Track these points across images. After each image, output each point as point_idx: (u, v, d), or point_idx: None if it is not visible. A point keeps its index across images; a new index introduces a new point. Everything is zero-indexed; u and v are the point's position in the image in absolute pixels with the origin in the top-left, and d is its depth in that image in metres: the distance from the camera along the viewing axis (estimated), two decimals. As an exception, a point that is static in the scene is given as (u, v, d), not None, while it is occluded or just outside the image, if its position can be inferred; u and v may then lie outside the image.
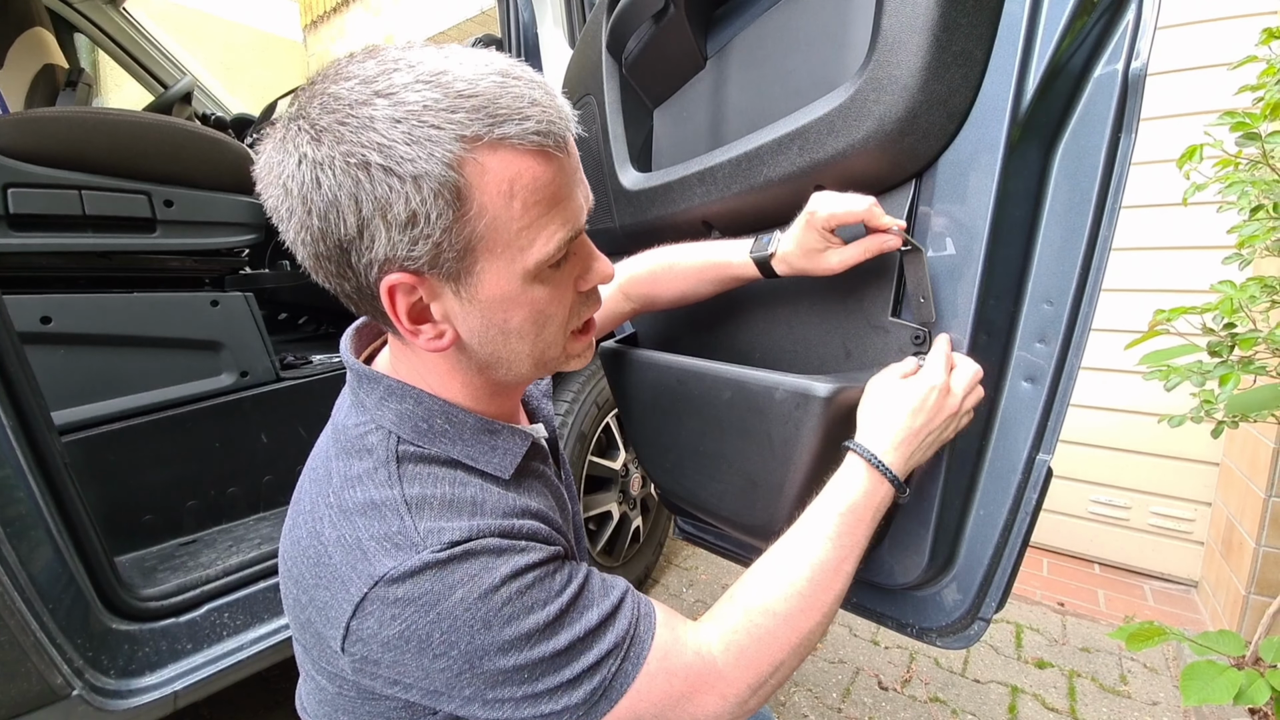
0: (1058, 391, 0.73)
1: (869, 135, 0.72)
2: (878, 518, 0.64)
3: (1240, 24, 1.80)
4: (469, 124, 0.42)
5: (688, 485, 0.97)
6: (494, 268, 0.47)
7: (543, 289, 0.50)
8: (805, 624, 0.57)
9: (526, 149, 0.44)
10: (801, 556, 0.59)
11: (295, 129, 0.43)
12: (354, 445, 0.53)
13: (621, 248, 1.25)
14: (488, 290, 0.48)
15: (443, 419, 0.53)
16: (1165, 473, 2.05)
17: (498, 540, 0.48)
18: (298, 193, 0.43)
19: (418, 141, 0.41)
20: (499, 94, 0.43)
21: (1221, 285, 1.01)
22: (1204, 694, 1.09)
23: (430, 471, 0.51)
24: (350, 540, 0.47)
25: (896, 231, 0.68)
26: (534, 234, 0.46)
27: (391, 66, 0.43)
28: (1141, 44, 0.66)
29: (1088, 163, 0.69)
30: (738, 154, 0.87)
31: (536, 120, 0.44)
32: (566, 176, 0.47)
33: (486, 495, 0.51)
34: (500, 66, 0.45)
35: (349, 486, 0.50)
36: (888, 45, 0.68)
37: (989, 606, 0.78)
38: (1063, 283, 0.72)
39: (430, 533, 0.46)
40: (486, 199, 0.44)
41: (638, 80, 1.15)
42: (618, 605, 0.52)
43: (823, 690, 1.62)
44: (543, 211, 0.46)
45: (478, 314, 0.49)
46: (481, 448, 0.54)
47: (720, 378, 0.83)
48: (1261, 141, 0.94)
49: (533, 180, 0.45)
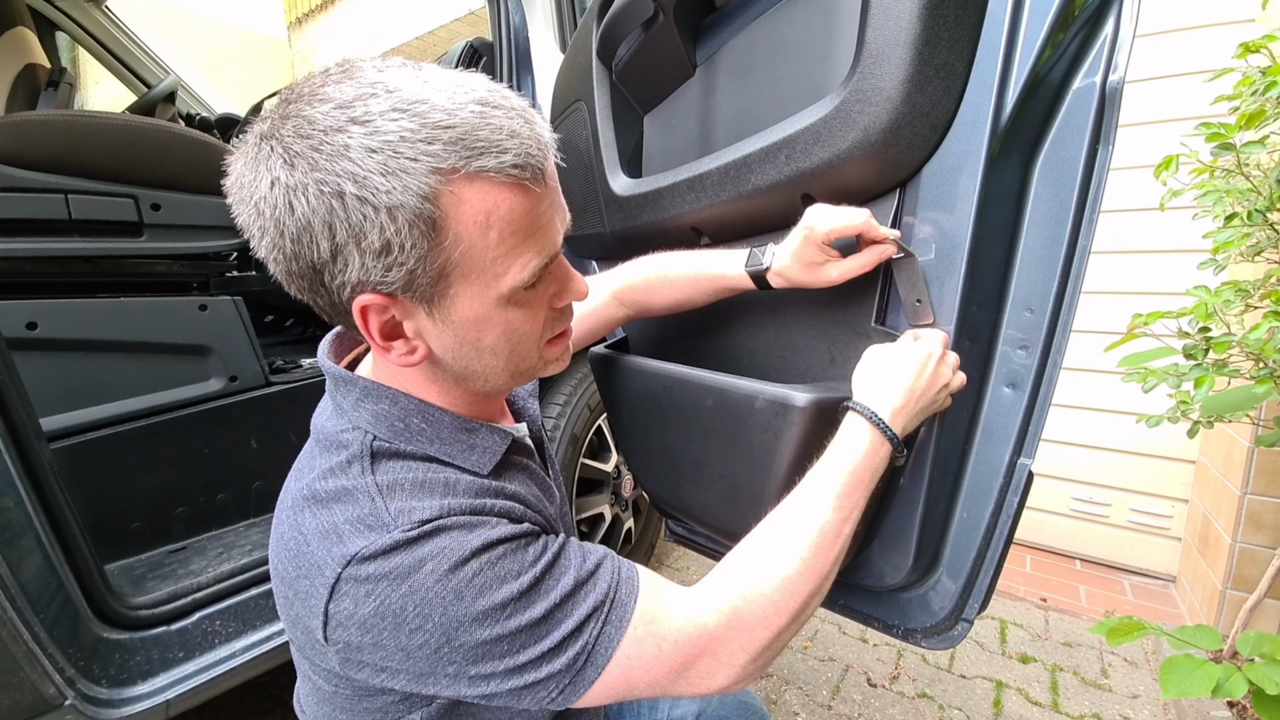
0: (1038, 397, 0.75)
1: (854, 145, 0.73)
2: (875, 479, 0.63)
3: (1219, 31, 1.84)
4: (446, 156, 0.42)
5: (673, 490, 0.99)
6: (468, 292, 0.47)
7: (517, 310, 0.50)
8: (806, 588, 0.55)
9: (504, 182, 0.44)
10: (805, 518, 0.58)
11: (268, 149, 0.43)
12: (331, 442, 0.54)
13: (612, 252, 1.26)
14: (461, 312, 0.48)
15: (420, 418, 0.54)
16: (1144, 471, 2.09)
17: (468, 517, 0.49)
18: (270, 215, 0.43)
19: (393, 173, 0.41)
20: (477, 125, 0.43)
21: (1196, 290, 1.04)
22: (1182, 687, 1.12)
23: (404, 464, 0.52)
24: (327, 526, 0.48)
25: (894, 241, 0.70)
26: (509, 261, 0.47)
27: (368, 91, 0.42)
28: (1119, 57, 0.68)
29: (1067, 173, 0.70)
30: (726, 162, 0.88)
31: (514, 153, 0.44)
32: (544, 205, 0.48)
33: (461, 477, 0.53)
34: (479, 95, 0.44)
35: (324, 478, 0.51)
36: (872, 58, 0.70)
37: (972, 608, 0.80)
38: (1043, 290, 0.74)
39: (401, 512, 0.47)
40: (462, 229, 0.44)
41: (628, 86, 1.16)
42: (595, 570, 0.52)
43: (813, 688, 1.64)
44: (519, 241, 0.47)
45: (451, 333, 0.50)
46: (459, 446, 0.55)
47: (703, 385, 0.85)
48: (1236, 151, 0.96)
49: (509, 212, 0.45)
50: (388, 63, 0.46)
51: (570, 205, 1.39)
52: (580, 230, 1.28)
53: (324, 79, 0.44)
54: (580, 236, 1.29)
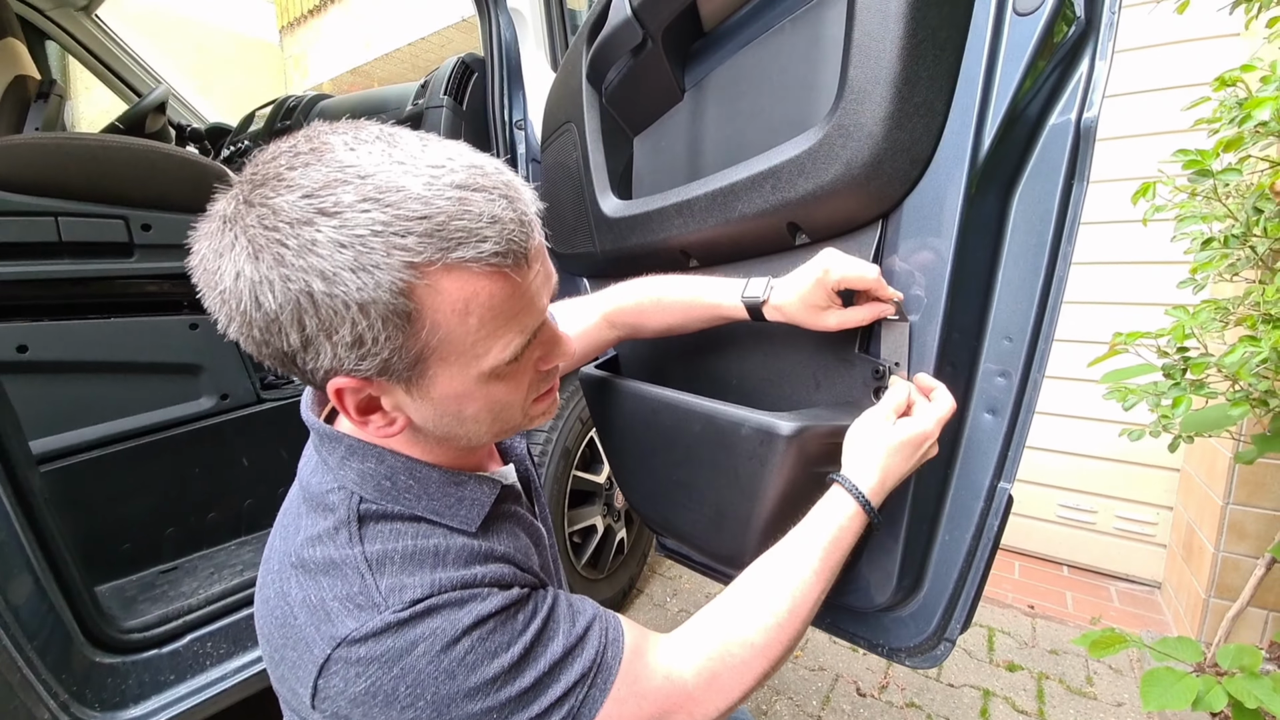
0: (1017, 423, 0.77)
1: (837, 178, 0.75)
2: (852, 545, 0.66)
3: (1206, 45, 1.87)
4: (421, 250, 0.40)
5: (662, 511, 1.00)
6: (448, 373, 0.47)
7: (500, 383, 0.50)
8: (779, 652, 0.59)
9: (484, 271, 0.43)
10: (784, 586, 0.61)
11: (231, 238, 0.41)
12: (318, 503, 0.53)
13: (603, 271, 1.28)
14: (441, 390, 0.48)
15: (406, 475, 0.53)
16: (1129, 478, 2.12)
17: (459, 593, 0.48)
18: (236, 307, 0.42)
19: (364, 269, 0.39)
20: (455, 213, 0.41)
21: (1175, 310, 1.06)
22: (1163, 700, 1.14)
23: (393, 528, 0.51)
24: (315, 601, 0.47)
25: (897, 304, 0.73)
26: (491, 343, 0.46)
27: (338, 177, 0.40)
28: (1094, 96, 0.70)
29: (1043, 208, 0.72)
30: (714, 188, 0.90)
31: (495, 241, 0.42)
32: (528, 286, 0.46)
33: (450, 543, 0.52)
34: (458, 177, 0.41)
35: (311, 545, 0.50)
36: (854, 94, 0.71)
37: (954, 629, 0.82)
38: (1021, 320, 0.75)
39: (392, 591, 0.46)
40: (440, 317, 0.43)
41: (618, 109, 1.17)
42: (584, 634, 0.53)
43: (803, 698, 1.66)
44: (501, 323, 0.46)
45: (431, 407, 0.49)
46: (447, 500, 0.54)
47: (690, 411, 0.86)
48: (1214, 177, 0.98)
49: (489, 298, 0.44)
50: (360, 136, 0.43)
51: (561, 224, 1.41)
52: (571, 249, 1.29)
53: (291, 158, 0.41)
54: (571, 255, 1.30)
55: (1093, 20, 0.69)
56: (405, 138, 0.43)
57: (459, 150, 0.44)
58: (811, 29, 0.86)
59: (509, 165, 0.48)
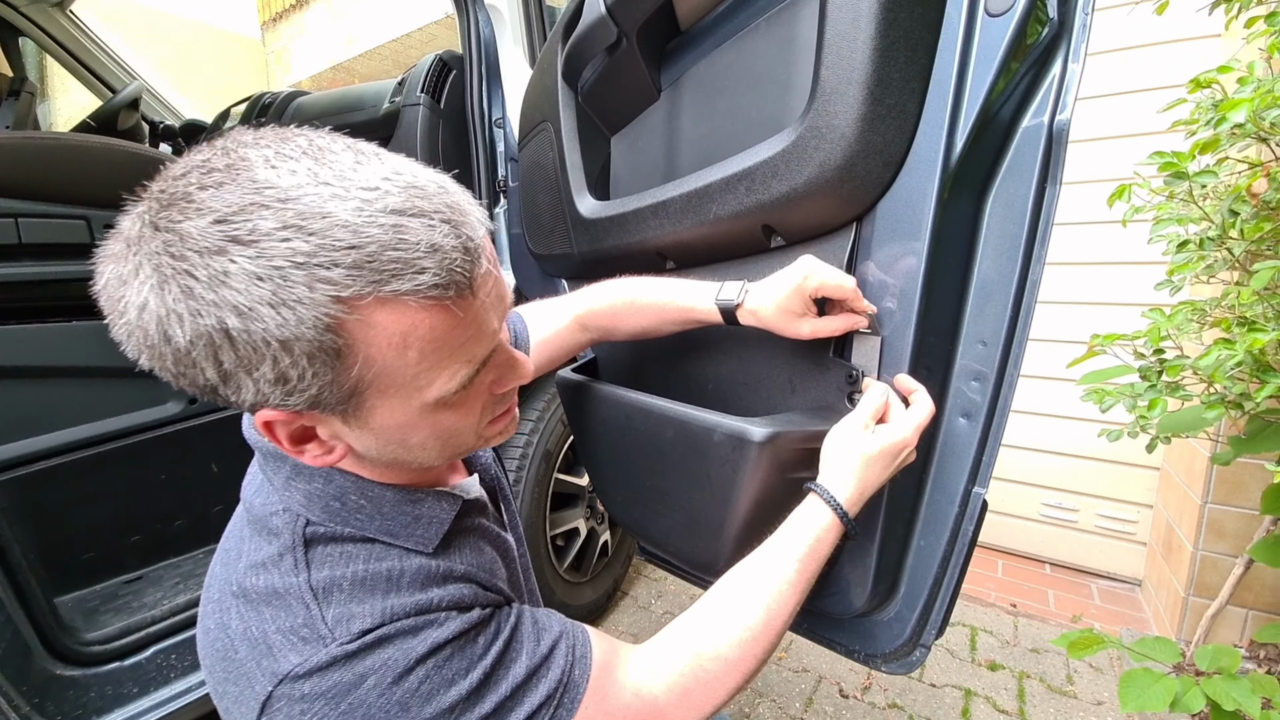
0: (991, 427, 0.76)
1: (811, 180, 0.74)
2: (828, 554, 0.65)
3: (1186, 46, 1.88)
4: (350, 283, 0.36)
5: (637, 518, 0.99)
6: (387, 405, 0.43)
7: (448, 412, 0.46)
8: (752, 666, 0.58)
9: (423, 305, 0.39)
10: (759, 598, 0.60)
11: (135, 264, 0.37)
12: (261, 527, 0.50)
13: (580, 272, 1.26)
14: (381, 421, 0.44)
15: (357, 494, 0.50)
16: (1110, 477, 2.13)
17: (413, 620, 0.45)
18: (144, 340, 0.38)
19: (285, 304, 0.35)
20: (389, 242, 0.37)
21: (1151, 313, 1.06)
22: (1141, 701, 1.14)
23: (343, 552, 0.48)
24: (256, 634, 0.45)
25: (870, 316, 0.72)
26: (434, 375, 0.43)
27: (255, 200, 0.35)
28: (1066, 98, 0.69)
29: (1016, 210, 0.72)
30: (689, 190, 0.89)
31: (435, 272, 0.38)
32: (474, 316, 0.43)
33: (405, 566, 0.49)
34: (395, 200, 0.37)
35: (253, 572, 0.47)
36: (826, 95, 0.70)
37: (929, 634, 0.81)
38: (995, 324, 0.75)
39: (339, 621, 0.44)
40: (374, 351, 0.39)
41: (594, 108, 1.15)
42: (549, 653, 0.51)
43: (786, 700, 1.66)
44: (445, 355, 0.42)
45: (372, 436, 0.46)
46: (403, 520, 0.51)
47: (664, 416, 0.85)
48: (1189, 179, 0.98)
49: (430, 332, 0.40)
50: (284, 152, 0.38)
51: (539, 225, 1.39)
52: (549, 250, 1.27)
53: (203, 175, 0.37)
54: (549, 256, 1.28)
55: (1065, 22, 0.68)
56: (337, 154, 0.39)
57: (399, 168, 0.40)
58: (787, 28, 0.85)
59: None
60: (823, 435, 0.71)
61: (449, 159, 1.58)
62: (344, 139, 0.41)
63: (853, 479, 0.66)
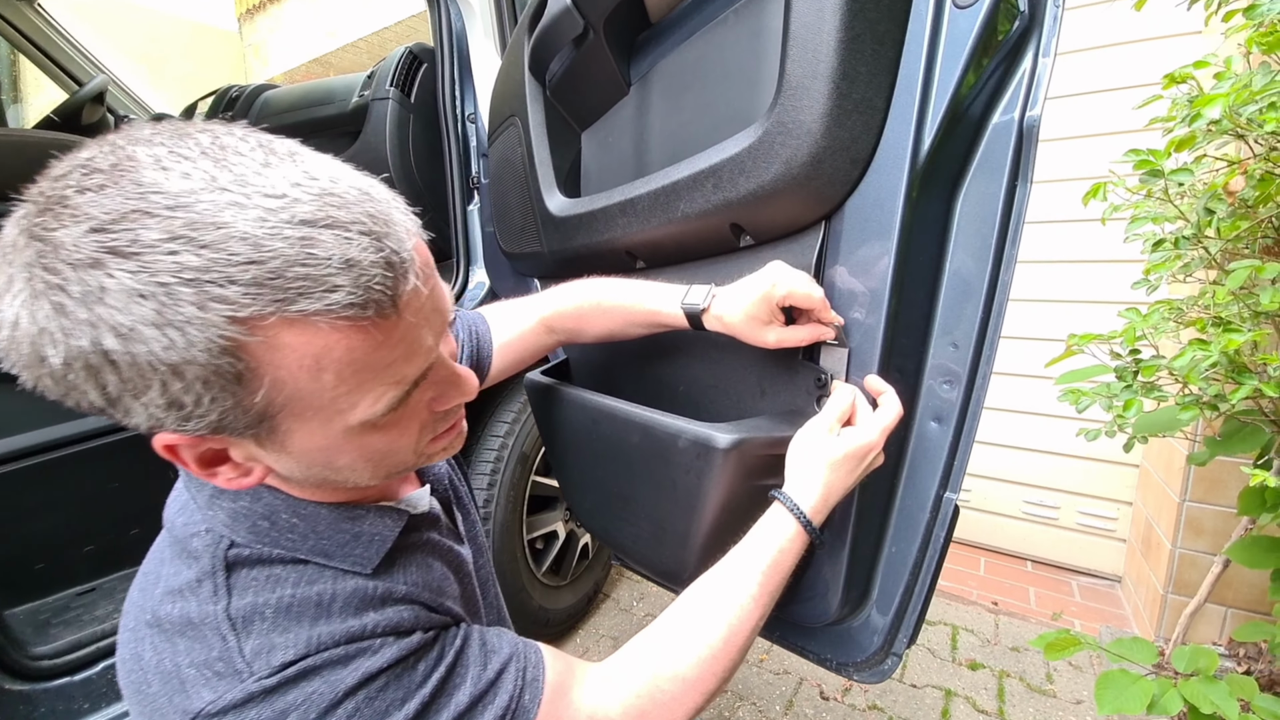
0: (963, 431, 0.74)
1: (777, 178, 0.71)
2: (793, 565, 0.63)
3: (1165, 44, 1.87)
4: (249, 303, 0.32)
5: (605, 525, 0.96)
6: (305, 428, 0.40)
7: (377, 434, 0.43)
8: (713, 685, 0.56)
9: (337, 326, 0.35)
10: (719, 615, 0.57)
11: (8, 276, 0.33)
12: (181, 549, 0.46)
13: (552, 271, 1.23)
14: (300, 444, 0.41)
15: (289, 513, 0.46)
16: (1091, 474, 2.14)
17: (343, 649, 0.42)
18: (19, 360, 0.34)
19: (172, 325, 0.32)
20: (295, 257, 0.33)
21: (1127, 312, 1.05)
22: (1117, 703, 1.13)
23: (270, 575, 0.45)
24: (169, 668, 0.41)
25: (836, 328, 0.70)
26: (356, 398, 0.39)
27: (139, 206, 0.31)
28: (1037, 93, 0.67)
29: (988, 209, 0.70)
30: (656, 187, 0.86)
31: (350, 290, 0.34)
32: (402, 336, 0.39)
33: (338, 589, 0.45)
34: (306, 209, 0.34)
35: (169, 599, 0.44)
36: (792, 90, 0.68)
37: (901, 643, 0.80)
38: (967, 325, 0.73)
39: (258, 654, 0.41)
40: (284, 374, 0.36)
41: (563, 102, 1.12)
42: (497, 678, 0.49)
43: (766, 703, 1.64)
44: (368, 378, 0.39)
45: (292, 460, 0.42)
46: (340, 539, 0.48)
47: (629, 421, 0.82)
48: (1165, 177, 0.97)
49: (348, 354, 0.36)
50: (180, 150, 0.34)
51: (509, 223, 1.36)
52: (519, 249, 1.24)
53: (83, 177, 0.33)
54: (520, 255, 1.25)
55: (1035, 15, 0.66)
56: (243, 155, 0.35)
57: (316, 171, 0.36)
58: (755, 19, 0.82)
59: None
60: (789, 440, 0.69)
61: (420, 154, 1.54)
62: (260, 137, 0.37)
63: (817, 485, 0.64)
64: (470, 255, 1.56)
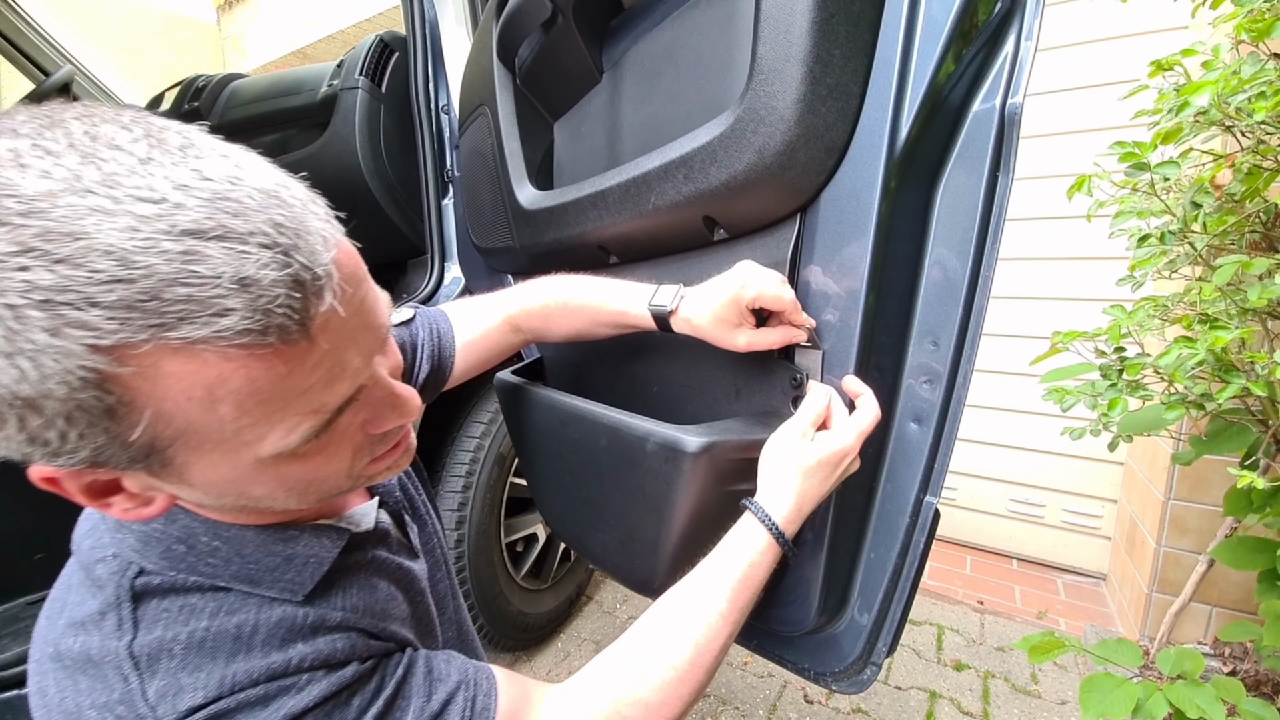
0: (944, 433, 0.71)
1: (750, 167, 0.68)
2: (765, 578, 0.60)
3: (1151, 39, 1.86)
4: (116, 329, 0.28)
5: (576, 532, 0.93)
6: (204, 461, 0.35)
7: (296, 464, 0.38)
8: (678, 709, 0.53)
9: (232, 355, 0.30)
10: (685, 634, 0.54)
11: None
12: (87, 576, 0.42)
13: (525, 267, 1.19)
14: (202, 477, 0.36)
15: (209, 536, 0.42)
16: (1076, 472, 2.13)
17: (262, 688, 0.38)
18: None
19: (22, 354, 0.27)
20: (174, 275, 0.28)
21: (1112, 310, 1.03)
22: (1102, 707, 1.11)
23: (184, 605, 0.40)
24: (71, 708, 0.37)
25: (807, 331, 0.67)
26: (263, 429, 0.34)
27: None
28: (1019, 80, 0.64)
29: (968, 201, 0.67)
30: (626, 179, 0.82)
31: (245, 314, 0.29)
32: (318, 360, 0.34)
33: (262, 619, 0.41)
34: (191, 216, 0.28)
35: (71, 633, 0.40)
36: (764, 75, 0.64)
37: (880, 652, 0.77)
38: (947, 322, 0.70)
39: (163, 697, 0.36)
40: (169, 407, 0.31)
41: (534, 92, 1.08)
42: (442, 710, 0.45)
43: (750, 707, 1.62)
44: (276, 408, 0.34)
45: (198, 491, 0.38)
46: (269, 563, 0.43)
47: (597, 423, 0.79)
48: (1150, 171, 0.94)
49: (248, 384, 0.32)
50: (46, 141, 0.29)
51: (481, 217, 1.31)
52: (491, 244, 1.20)
53: None
54: (492, 250, 1.21)
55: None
56: (119, 147, 0.29)
57: (212, 169, 0.30)
58: (728, 1, 0.79)
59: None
60: (763, 444, 0.66)
61: (392, 147, 1.49)
62: (152, 124, 0.32)
63: (790, 494, 0.61)
64: (445, 251, 1.51)
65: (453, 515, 1.45)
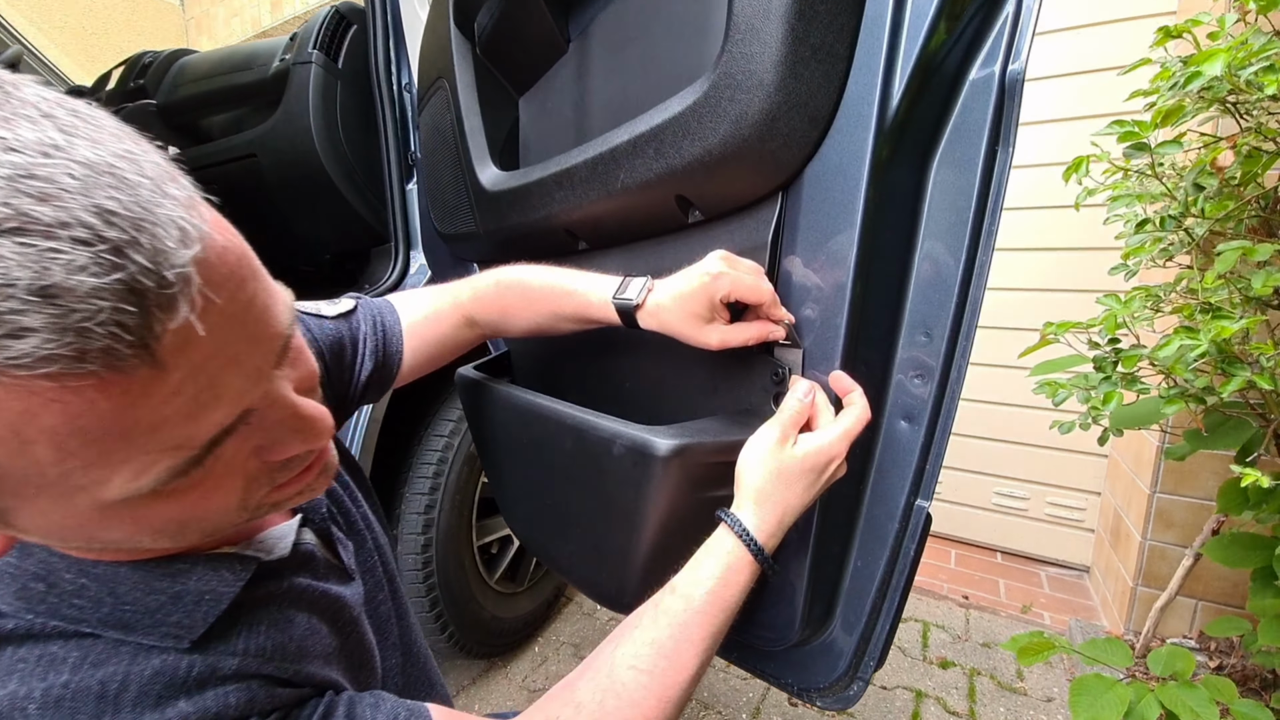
0: (936, 432, 0.66)
1: (726, 140, 0.61)
2: (743, 596, 0.54)
3: (1135, 26, 1.82)
4: None
5: (541, 541, 0.86)
6: (32, 507, 0.28)
7: (161, 503, 0.31)
8: None
9: (34, 389, 0.24)
10: (651, 665, 0.48)
11: None
12: None
13: (490, 254, 1.11)
14: (34, 523, 0.30)
15: (73, 573, 0.36)
16: (1060, 464, 2.11)
17: None
18: None
19: None
20: None
21: (1106, 299, 0.98)
22: (1093, 710, 1.07)
23: (42, 654, 0.33)
24: None
25: (786, 326, 0.61)
26: (103, 472, 0.27)
27: None
28: (1020, 43, 0.58)
29: (964, 178, 0.61)
30: (592, 155, 0.75)
31: (47, 335, 0.23)
32: (175, 387, 0.27)
33: (134, 671, 0.34)
34: None
35: None
36: (741, 34, 0.58)
37: (868, 666, 0.71)
38: (941, 312, 0.64)
39: None
40: None
41: (497, 64, 1.00)
42: None
43: (732, 710, 1.57)
44: (117, 446, 0.27)
45: (35, 535, 0.31)
46: (149, 604, 0.36)
47: (561, 423, 0.72)
48: (1151, 151, 0.89)
49: (68, 421, 0.25)
50: None
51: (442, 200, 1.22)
52: (453, 229, 1.12)
53: None
54: (455, 236, 1.13)
55: (1019, -54, 0.56)
56: None
57: (21, 135, 0.23)
58: (702, -41, 0.72)
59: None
60: (741, 446, 0.59)
61: (350, 128, 1.40)
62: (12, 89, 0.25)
63: (770, 505, 0.54)
64: (410, 238, 1.43)
65: (419, 519, 1.37)
